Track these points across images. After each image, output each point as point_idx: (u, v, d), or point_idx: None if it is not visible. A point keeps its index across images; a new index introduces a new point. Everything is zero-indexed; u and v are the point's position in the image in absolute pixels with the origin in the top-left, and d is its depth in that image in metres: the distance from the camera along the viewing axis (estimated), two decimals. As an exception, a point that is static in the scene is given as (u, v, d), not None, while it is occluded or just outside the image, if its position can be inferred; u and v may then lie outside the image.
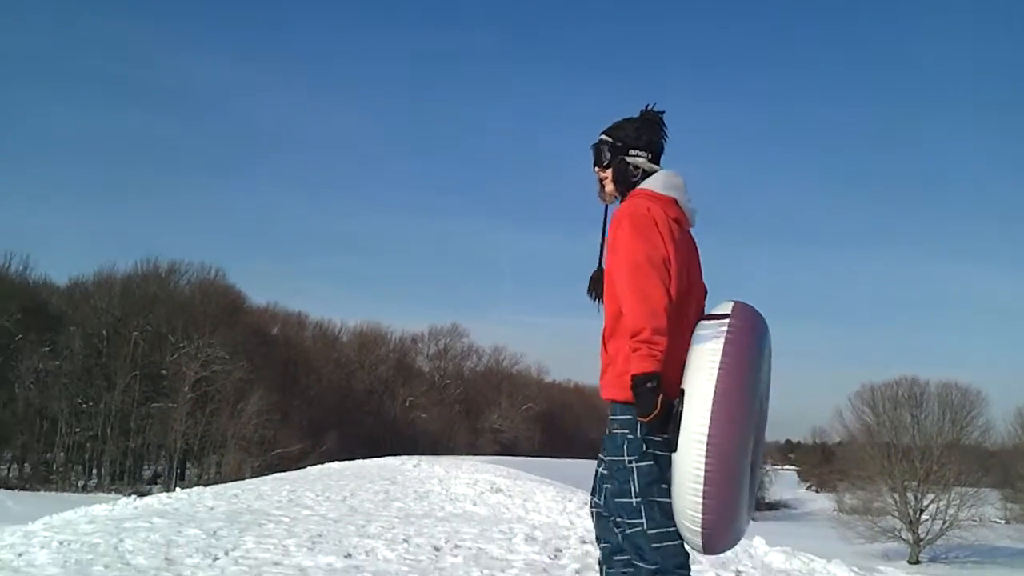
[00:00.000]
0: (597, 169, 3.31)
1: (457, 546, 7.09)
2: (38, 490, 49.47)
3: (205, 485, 15.32)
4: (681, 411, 2.84)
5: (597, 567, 3.18)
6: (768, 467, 79.91)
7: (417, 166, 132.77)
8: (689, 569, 2.95)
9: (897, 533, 49.39)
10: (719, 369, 2.82)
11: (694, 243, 3.23)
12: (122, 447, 55.90)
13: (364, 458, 27.88)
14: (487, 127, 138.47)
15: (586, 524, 9.54)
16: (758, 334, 3.00)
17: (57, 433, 54.26)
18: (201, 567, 5.55)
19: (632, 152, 3.23)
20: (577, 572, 6.15)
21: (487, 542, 7.47)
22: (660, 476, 2.91)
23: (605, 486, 3.07)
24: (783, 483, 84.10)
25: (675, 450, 2.85)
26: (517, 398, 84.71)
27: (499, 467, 23.42)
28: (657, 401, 2.83)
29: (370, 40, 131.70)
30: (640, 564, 2.93)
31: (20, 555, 5.84)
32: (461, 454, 51.46)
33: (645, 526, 2.92)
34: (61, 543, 6.42)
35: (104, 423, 54.92)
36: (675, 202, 3.13)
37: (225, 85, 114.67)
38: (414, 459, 24.09)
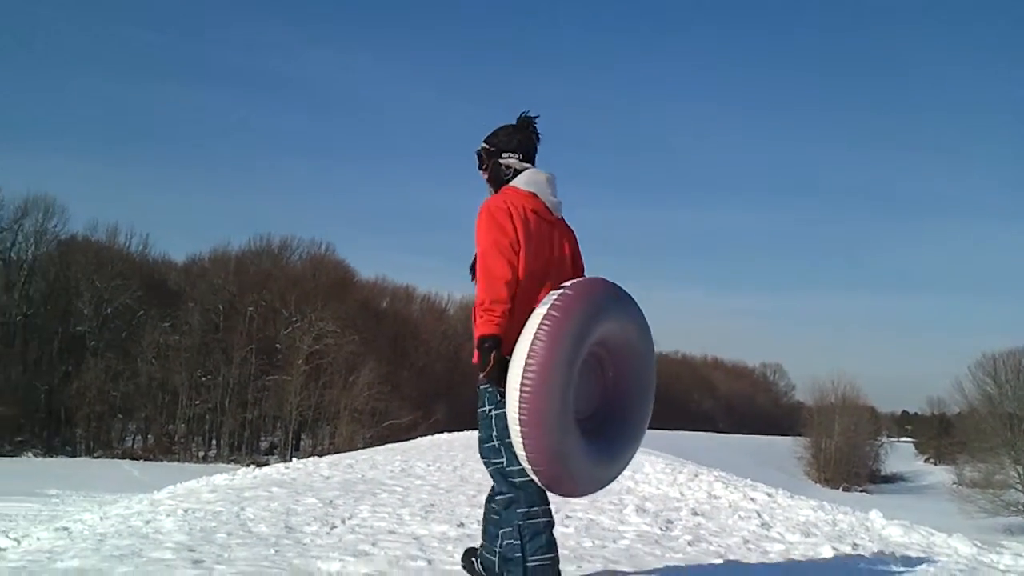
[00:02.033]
0: (480, 172, 3.89)
1: (568, 516, 7.10)
2: (161, 460, 51.55)
3: (320, 455, 15.70)
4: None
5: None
6: (884, 439, 78.09)
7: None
8: (543, 503, 3.60)
9: (1021, 507, 47.76)
10: (538, 329, 3.34)
11: (566, 230, 3.85)
12: (240, 418, 57.79)
13: (473, 429, 28.22)
14: (587, 99, 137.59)
15: (697, 496, 9.44)
16: (591, 301, 3.50)
17: (178, 405, 56.38)
18: (319, 535, 5.67)
19: (505, 155, 3.81)
20: (689, 544, 6.08)
21: (597, 513, 7.46)
22: None
23: (479, 434, 3.70)
24: (899, 455, 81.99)
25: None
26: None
27: (607, 438, 23.39)
28: (490, 358, 3.42)
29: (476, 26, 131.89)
30: (499, 496, 3.62)
31: (148, 522, 6.07)
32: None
33: (504, 463, 3.57)
34: (186, 511, 6.65)
35: (222, 395, 56.84)
36: (534, 196, 3.69)
37: (337, 69, 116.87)
38: (522, 430, 24.25)
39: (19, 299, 55.86)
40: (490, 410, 3.61)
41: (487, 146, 3.86)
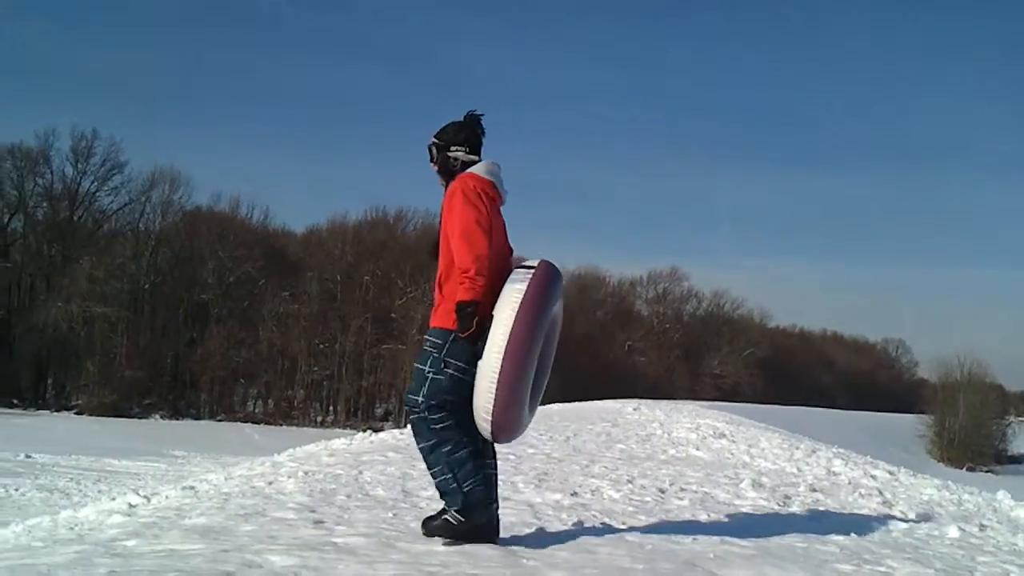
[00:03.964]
0: (431, 165, 4.38)
1: (682, 489, 7.04)
2: (280, 424, 53.13)
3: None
4: (489, 329, 3.94)
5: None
6: (1011, 419, 75.03)
7: (630, 111, 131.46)
8: (463, 439, 4.10)
9: None
10: (519, 304, 3.93)
11: (503, 222, 4.30)
12: (356, 386, 59.07)
13: (583, 400, 28.18)
14: (703, 71, 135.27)
15: (816, 472, 9.26)
16: (552, 284, 4.12)
17: (297, 372, 57.93)
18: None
19: (453, 148, 4.30)
20: (809, 519, 5.96)
21: (713, 486, 7.37)
22: (447, 388, 4.05)
23: (412, 385, 4.17)
24: (1028, 436, 78.52)
25: (480, 358, 3.95)
26: (738, 343, 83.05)
27: (721, 412, 23.09)
28: (473, 322, 3.94)
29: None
30: (423, 444, 4.15)
31: (270, 483, 6.24)
32: (681, 399, 51.10)
33: (427, 415, 4.08)
34: (306, 473, 6.82)
35: (339, 363, 58.15)
36: (493, 184, 4.20)
37: (451, 40, 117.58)
38: (634, 402, 24.12)
39: (147, 268, 58.24)
40: (429, 372, 4.09)
41: (437, 141, 4.33)
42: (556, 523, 5.06)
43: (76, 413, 51.56)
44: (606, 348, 74.77)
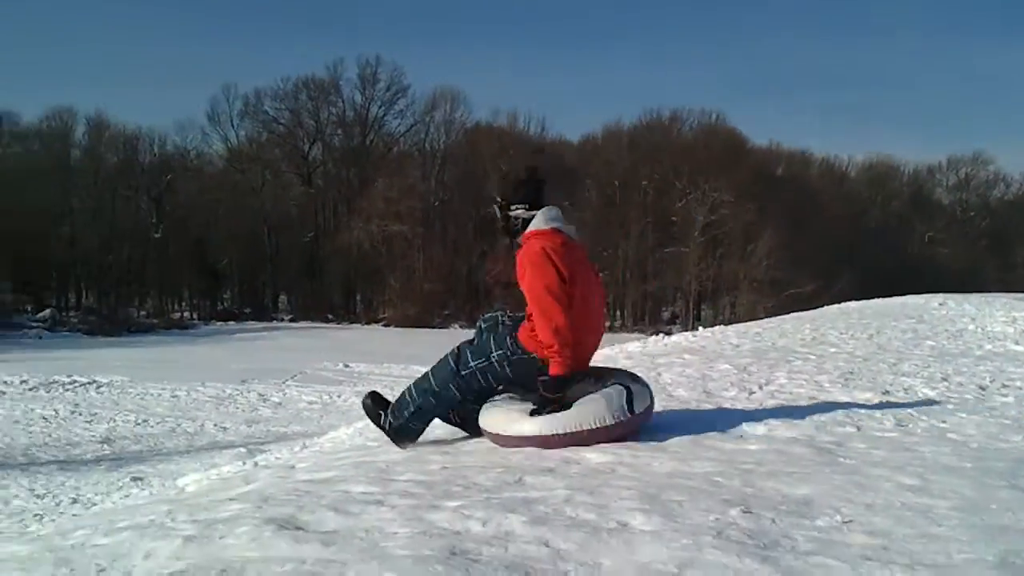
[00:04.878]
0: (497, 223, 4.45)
1: (1004, 385, 6.56)
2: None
3: (724, 325, 15.73)
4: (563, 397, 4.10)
5: None
6: None
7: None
8: (447, 406, 4.49)
9: None
10: (598, 429, 4.09)
11: (584, 250, 4.43)
12: (640, 290, 59.53)
13: (879, 297, 26.80)
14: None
15: None
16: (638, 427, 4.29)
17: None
18: (739, 399, 5.71)
19: (513, 207, 4.34)
20: None
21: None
22: (494, 375, 4.32)
23: (471, 348, 4.40)
24: None
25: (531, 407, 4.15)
26: (1057, 226, 75.92)
27: (1039, 304, 21.26)
28: (555, 399, 4.07)
29: None
30: (430, 380, 4.50)
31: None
32: (991, 291, 47.50)
33: (462, 372, 4.39)
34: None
35: (623, 268, 58.70)
36: (555, 230, 4.24)
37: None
38: (939, 297, 22.58)
39: (436, 186, 61.12)
40: (495, 354, 4.30)
41: (499, 200, 4.42)
42: (870, 422, 4.86)
43: (384, 325, 55.53)
44: (904, 241, 70.66)
